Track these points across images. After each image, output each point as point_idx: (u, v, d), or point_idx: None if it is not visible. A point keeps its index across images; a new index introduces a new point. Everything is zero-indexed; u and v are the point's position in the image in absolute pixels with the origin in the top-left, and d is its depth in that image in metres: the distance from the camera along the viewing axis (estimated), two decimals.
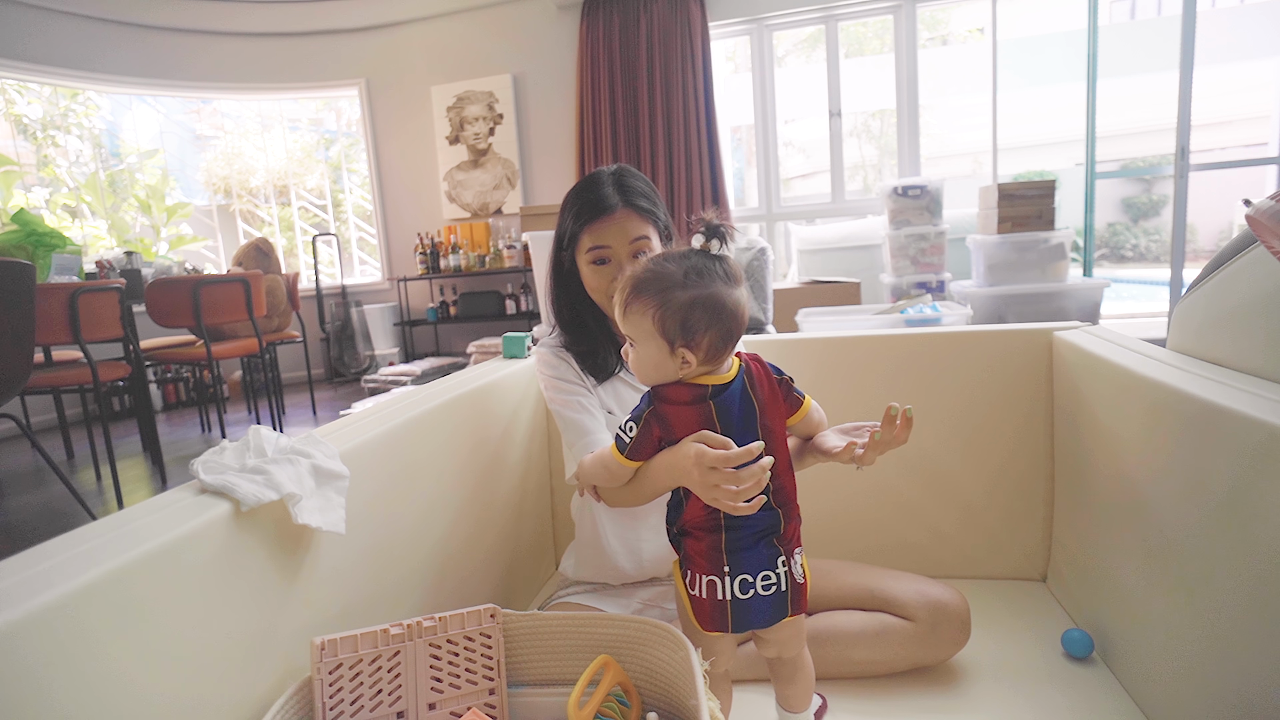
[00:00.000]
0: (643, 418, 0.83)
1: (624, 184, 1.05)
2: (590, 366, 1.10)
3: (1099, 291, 3.09)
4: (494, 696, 0.83)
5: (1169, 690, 0.87)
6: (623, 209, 1.03)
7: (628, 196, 1.04)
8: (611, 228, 1.02)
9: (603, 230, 1.02)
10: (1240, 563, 0.74)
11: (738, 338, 0.82)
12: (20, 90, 4.90)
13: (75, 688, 0.52)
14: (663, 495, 0.88)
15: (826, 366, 1.38)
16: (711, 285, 0.79)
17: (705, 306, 0.78)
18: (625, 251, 1.03)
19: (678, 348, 0.79)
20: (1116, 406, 1.04)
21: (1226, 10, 7.68)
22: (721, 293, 0.80)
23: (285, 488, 0.73)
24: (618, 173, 1.07)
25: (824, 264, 3.97)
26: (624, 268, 1.00)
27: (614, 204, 1.03)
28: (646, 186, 1.07)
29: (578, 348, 1.11)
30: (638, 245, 1.03)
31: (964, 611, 1.04)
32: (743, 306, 0.81)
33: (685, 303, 0.78)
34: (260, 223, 6.79)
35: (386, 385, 4.32)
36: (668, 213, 1.11)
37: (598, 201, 1.03)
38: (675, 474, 0.80)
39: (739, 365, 0.84)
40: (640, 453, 0.84)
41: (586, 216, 1.03)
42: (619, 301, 0.83)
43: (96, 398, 2.75)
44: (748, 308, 0.82)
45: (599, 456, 0.92)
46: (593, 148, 4.56)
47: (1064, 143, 8.03)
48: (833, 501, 1.39)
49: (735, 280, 0.82)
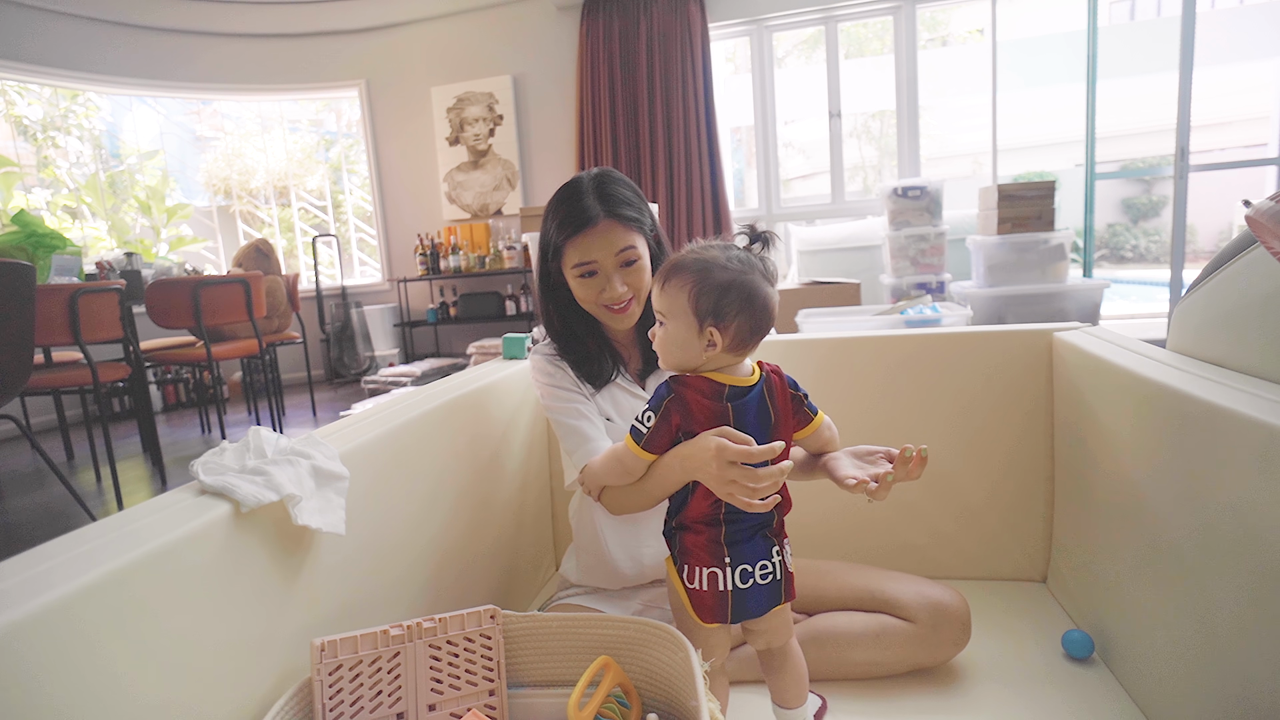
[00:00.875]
0: (663, 405, 0.83)
1: (605, 192, 1.01)
2: (586, 374, 1.09)
3: (1099, 292, 3.09)
4: (494, 698, 0.83)
5: (1169, 690, 0.87)
6: (605, 220, 0.99)
7: (610, 206, 1.00)
8: (596, 241, 0.99)
9: (586, 244, 1.00)
10: (1240, 563, 0.74)
11: (765, 332, 0.84)
12: (20, 91, 4.90)
13: (75, 688, 0.52)
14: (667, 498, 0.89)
15: (826, 367, 1.38)
16: (751, 274, 0.82)
17: (741, 291, 0.80)
18: (612, 263, 1.01)
19: (707, 325, 0.80)
20: (1116, 407, 1.04)
21: (1226, 11, 7.68)
22: (758, 283, 0.82)
23: (285, 489, 0.73)
24: (599, 180, 1.03)
25: (824, 265, 3.97)
26: (612, 278, 1.00)
27: (595, 215, 0.99)
28: (630, 193, 1.04)
29: (571, 355, 1.10)
30: (624, 256, 1.01)
31: (964, 613, 1.04)
32: (774, 304, 0.83)
33: (723, 283, 0.80)
34: (260, 224, 6.80)
35: (386, 386, 4.32)
36: (653, 217, 1.08)
37: (579, 214, 1.00)
38: (690, 466, 0.80)
39: (760, 374, 0.86)
40: (657, 444, 0.84)
41: (568, 229, 1.00)
42: (659, 278, 0.85)
43: (96, 399, 2.75)
44: (773, 304, 0.84)
45: (612, 452, 0.92)
46: (593, 149, 4.56)
47: (1064, 143, 8.03)
48: (833, 502, 1.39)
49: (773, 279, 0.85)
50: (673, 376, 0.85)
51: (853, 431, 1.37)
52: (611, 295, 1.01)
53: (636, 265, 1.02)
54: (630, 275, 1.02)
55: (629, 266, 1.01)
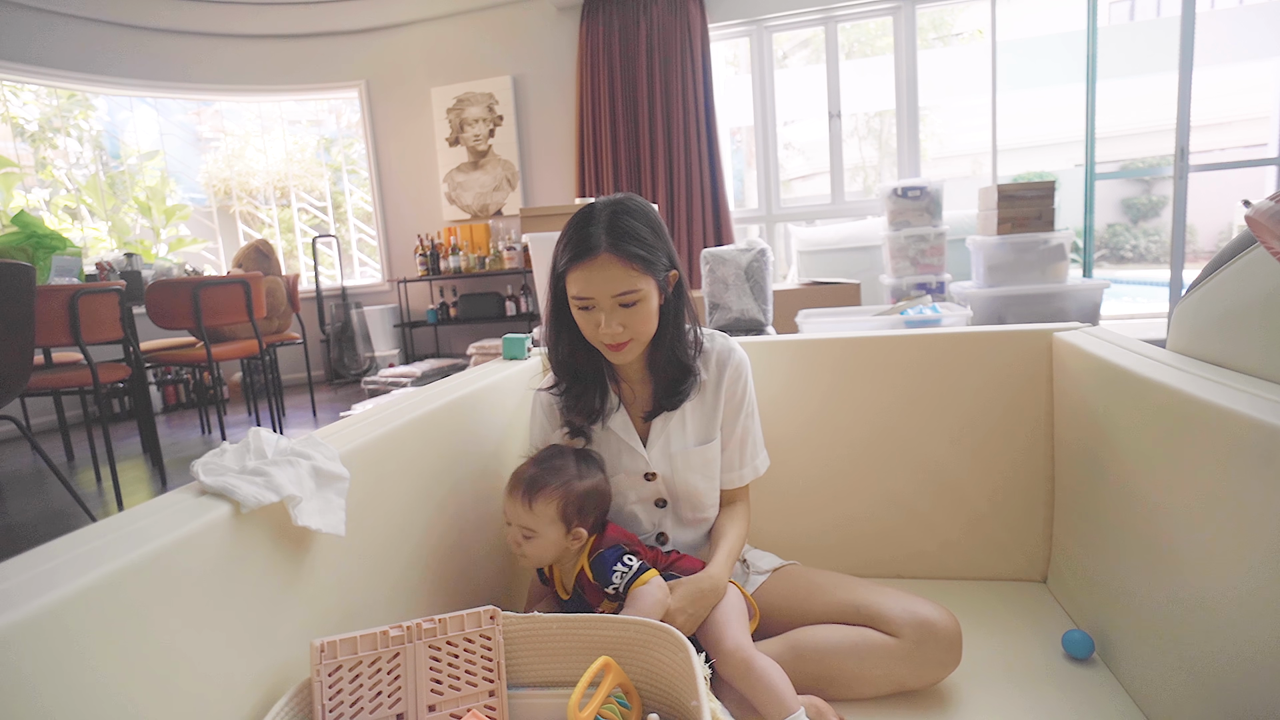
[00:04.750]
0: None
1: (616, 224, 0.95)
2: (578, 410, 1.10)
3: (1099, 292, 3.09)
4: (494, 699, 0.83)
5: (1169, 690, 0.87)
6: (605, 253, 0.94)
7: (615, 239, 0.94)
8: (594, 276, 0.95)
9: (585, 278, 0.95)
10: (1240, 563, 0.74)
11: (607, 513, 1.07)
12: (15, 92, 4.90)
13: (74, 688, 0.52)
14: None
15: (826, 367, 1.38)
16: (597, 475, 1.04)
17: (595, 491, 1.02)
18: (609, 305, 0.96)
19: (574, 527, 0.99)
20: (1116, 407, 1.04)
21: (1226, 11, 7.68)
22: (601, 481, 1.04)
23: (285, 489, 0.73)
24: (614, 209, 0.97)
25: (824, 265, 3.97)
26: (607, 316, 0.96)
27: (596, 246, 0.94)
28: (646, 227, 0.97)
29: (566, 386, 1.10)
30: (624, 299, 0.95)
31: (953, 633, 0.97)
32: (609, 488, 1.07)
33: (584, 490, 1.00)
34: (260, 224, 6.80)
35: (387, 387, 4.32)
36: (673, 255, 1.02)
37: (581, 242, 0.95)
38: None
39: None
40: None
41: (569, 256, 0.96)
42: (524, 498, 0.99)
43: (96, 399, 2.75)
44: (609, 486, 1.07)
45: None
46: (592, 149, 4.57)
47: (1063, 144, 8.04)
48: (833, 504, 1.39)
49: (604, 470, 1.06)
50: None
51: (853, 431, 1.37)
52: (605, 333, 0.98)
53: (636, 307, 0.97)
54: (628, 316, 0.97)
55: (628, 307, 0.97)
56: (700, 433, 1.11)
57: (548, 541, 0.99)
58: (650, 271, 0.97)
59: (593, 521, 1.02)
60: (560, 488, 0.98)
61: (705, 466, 1.11)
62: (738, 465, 1.14)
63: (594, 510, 1.02)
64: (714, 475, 1.13)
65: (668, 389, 1.07)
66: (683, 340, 1.06)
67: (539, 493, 0.98)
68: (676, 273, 1.03)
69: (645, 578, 0.97)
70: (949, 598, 1.22)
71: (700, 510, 1.14)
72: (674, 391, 1.07)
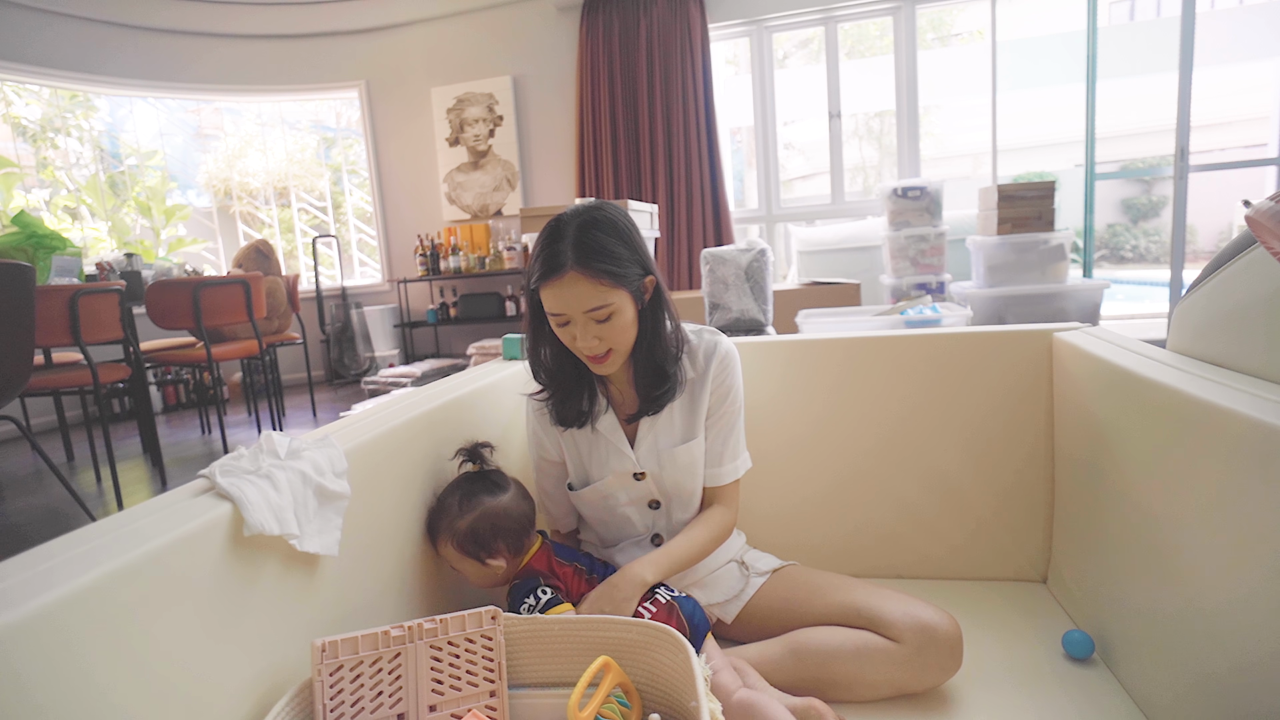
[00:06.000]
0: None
1: (584, 240, 0.93)
2: (564, 414, 1.10)
3: (1099, 292, 3.09)
4: (495, 699, 0.83)
5: (1169, 689, 0.87)
6: (572, 271, 0.92)
7: (582, 256, 0.92)
8: (564, 293, 0.94)
9: (555, 295, 0.95)
10: (1240, 563, 0.74)
11: (526, 528, 1.03)
12: (18, 92, 4.90)
13: (72, 689, 0.52)
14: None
15: (826, 367, 1.38)
16: (480, 503, 1.00)
17: (484, 521, 0.99)
18: (582, 319, 0.96)
19: (484, 559, 1.00)
20: (1116, 407, 1.04)
21: (1226, 11, 7.69)
22: (490, 505, 1.00)
23: (289, 526, 0.73)
24: (583, 223, 0.95)
25: (824, 265, 3.97)
26: (582, 331, 0.96)
27: (563, 264, 0.92)
28: (616, 240, 0.95)
29: (551, 393, 1.11)
30: (596, 315, 0.95)
31: (954, 637, 0.97)
32: (512, 504, 1.02)
33: (469, 527, 0.99)
34: (260, 224, 6.80)
35: (386, 387, 4.32)
36: (647, 262, 1.00)
37: (549, 259, 0.94)
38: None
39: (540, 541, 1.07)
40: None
41: (539, 274, 0.96)
42: (438, 546, 1.03)
43: (96, 400, 2.74)
44: (518, 500, 1.04)
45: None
46: (592, 149, 4.57)
47: (1063, 144, 8.04)
48: (833, 504, 1.39)
49: (502, 486, 1.03)
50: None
51: (853, 431, 1.37)
52: (583, 346, 0.98)
53: (610, 320, 0.96)
54: (604, 330, 0.97)
55: (602, 322, 0.96)
56: (688, 430, 1.11)
57: (472, 573, 1.02)
58: (621, 284, 0.95)
59: (506, 545, 1.00)
60: (445, 531, 1.01)
61: (693, 464, 1.11)
62: (718, 460, 1.12)
63: (498, 536, 0.99)
64: (701, 473, 1.13)
65: (649, 393, 1.07)
66: (663, 344, 1.05)
67: (435, 537, 1.03)
68: (653, 278, 1.01)
69: (558, 610, 0.96)
70: (949, 598, 1.22)
71: (693, 511, 1.14)
72: (654, 396, 1.07)
